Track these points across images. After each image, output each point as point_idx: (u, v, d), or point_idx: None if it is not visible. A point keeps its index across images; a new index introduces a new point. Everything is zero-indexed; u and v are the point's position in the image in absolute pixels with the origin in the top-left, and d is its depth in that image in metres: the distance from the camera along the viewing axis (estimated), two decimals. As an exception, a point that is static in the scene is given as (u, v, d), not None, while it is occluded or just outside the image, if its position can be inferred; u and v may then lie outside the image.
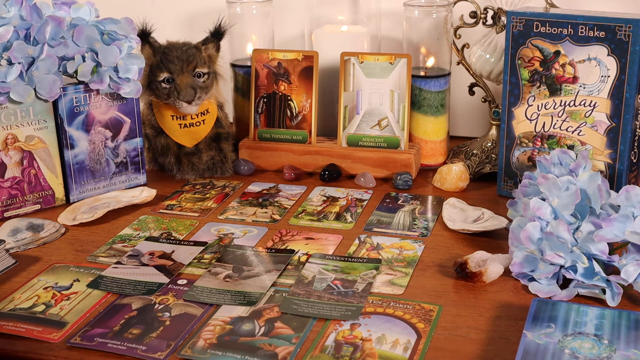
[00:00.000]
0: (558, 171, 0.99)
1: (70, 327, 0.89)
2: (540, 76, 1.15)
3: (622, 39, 1.08)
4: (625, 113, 1.10)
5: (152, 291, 0.97)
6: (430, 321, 0.89)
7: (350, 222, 1.16)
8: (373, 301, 0.93)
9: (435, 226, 1.15)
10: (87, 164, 1.25)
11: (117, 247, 1.10)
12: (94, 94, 1.23)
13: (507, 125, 1.20)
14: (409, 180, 1.28)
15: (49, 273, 1.02)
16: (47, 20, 1.14)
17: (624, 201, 0.92)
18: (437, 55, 1.35)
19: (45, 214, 1.21)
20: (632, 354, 0.80)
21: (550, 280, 0.94)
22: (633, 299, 0.93)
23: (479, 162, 1.33)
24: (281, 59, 1.36)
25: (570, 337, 0.83)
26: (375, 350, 0.84)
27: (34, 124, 1.18)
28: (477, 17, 1.32)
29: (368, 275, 0.99)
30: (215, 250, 1.08)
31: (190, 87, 1.27)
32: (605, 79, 1.10)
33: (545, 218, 0.94)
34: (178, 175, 1.35)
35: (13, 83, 1.13)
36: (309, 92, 1.36)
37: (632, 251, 0.91)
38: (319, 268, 1.02)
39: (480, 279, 0.97)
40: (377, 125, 1.33)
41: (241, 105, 1.46)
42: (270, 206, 1.22)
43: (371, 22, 1.44)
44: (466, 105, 1.51)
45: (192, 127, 1.32)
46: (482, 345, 0.85)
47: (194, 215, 1.20)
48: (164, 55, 1.29)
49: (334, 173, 1.32)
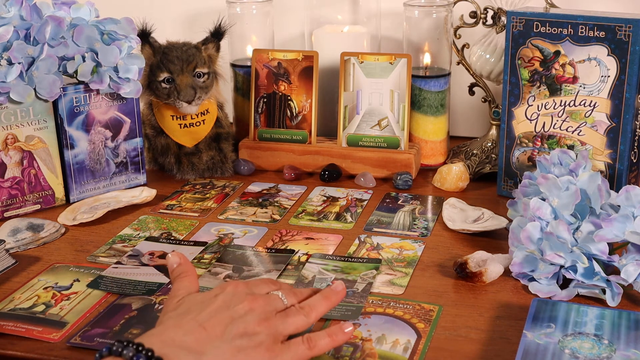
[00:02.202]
0: (558, 171, 0.99)
1: (70, 327, 0.89)
2: (540, 76, 1.15)
3: (622, 39, 1.08)
4: (625, 113, 1.10)
5: (152, 291, 0.97)
6: (430, 321, 0.89)
7: (350, 222, 1.16)
8: (373, 301, 0.93)
9: (435, 226, 1.15)
10: (87, 164, 1.25)
11: (117, 247, 1.10)
12: (94, 94, 1.23)
13: (507, 125, 1.20)
14: (409, 180, 1.28)
15: (49, 273, 1.02)
16: (47, 20, 1.14)
17: (624, 201, 0.92)
18: (437, 55, 1.35)
19: (45, 214, 1.21)
20: (632, 354, 0.80)
21: (550, 280, 0.94)
22: (633, 299, 0.93)
23: (479, 162, 1.33)
24: (281, 59, 1.36)
25: (570, 337, 0.83)
26: (375, 350, 0.84)
27: (34, 124, 1.18)
28: (477, 17, 1.32)
29: (368, 276, 0.99)
30: (215, 250, 1.08)
31: (190, 87, 1.27)
32: (605, 79, 1.10)
33: (545, 218, 0.94)
34: (178, 175, 1.35)
35: (13, 83, 1.13)
36: (309, 92, 1.36)
37: (632, 251, 0.91)
38: (319, 268, 1.02)
39: (480, 279, 0.97)
40: (377, 125, 1.33)
41: (241, 105, 1.46)
42: (270, 206, 1.22)
43: (371, 22, 1.44)
44: (466, 105, 1.51)
45: (192, 127, 1.32)
46: (482, 345, 0.85)
47: (194, 215, 1.20)
48: (164, 55, 1.29)
49: (334, 173, 1.32)
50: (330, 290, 0.84)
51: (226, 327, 0.75)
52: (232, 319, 0.76)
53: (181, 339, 0.73)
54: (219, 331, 0.74)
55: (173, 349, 0.72)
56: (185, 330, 0.74)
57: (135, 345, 0.70)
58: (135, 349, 0.70)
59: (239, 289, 0.80)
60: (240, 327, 0.75)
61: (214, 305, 0.77)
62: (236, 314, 0.76)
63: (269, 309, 0.78)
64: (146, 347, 0.70)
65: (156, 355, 0.70)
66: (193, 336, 0.73)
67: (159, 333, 0.74)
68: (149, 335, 0.74)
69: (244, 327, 0.75)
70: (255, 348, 0.74)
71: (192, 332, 0.74)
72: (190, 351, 0.72)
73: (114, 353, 0.71)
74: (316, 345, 0.78)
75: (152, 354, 0.70)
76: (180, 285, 0.83)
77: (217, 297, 0.79)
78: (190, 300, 0.79)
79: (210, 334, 0.74)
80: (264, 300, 0.79)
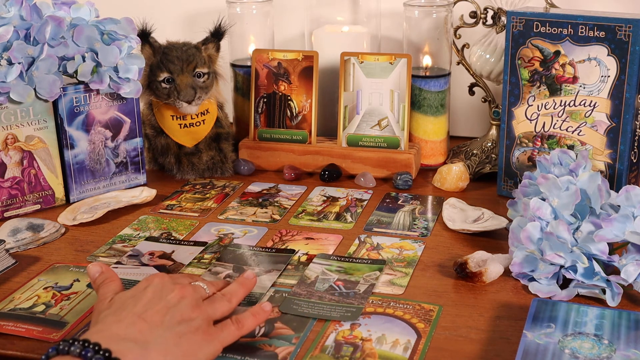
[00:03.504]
0: (558, 171, 0.99)
1: (70, 327, 0.89)
2: (540, 76, 1.15)
3: (622, 39, 1.08)
4: (625, 113, 1.10)
5: (152, 291, 0.97)
6: (430, 321, 0.89)
7: (350, 222, 1.16)
8: (373, 301, 0.93)
9: (435, 226, 1.15)
10: (87, 164, 1.25)
11: (117, 247, 1.10)
12: (94, 94, 1.23)
13: (507, 125, 1.20)
14: (409, 180, 1.28)
15: (49, 273, 1.02)
16: (47, 20, 1.14)
17: (624, 201, 0.92)
18: (437, 55, 1.35)
19: (45, 214, 1.21)
20: (632, 354, 0.80)
21: (550, 280, 0.94)
22: (633, 299, 0.93)
23: (479, 162, 1.33)
24: (281, 59, 1.36)
25: (570, 337, 0.83)
26: (375, 350, 0.84)
27: (34, 124, 1.19)
28: (477, 17, 1.32)
29: (371, 277, 0.99)
30: (215, 250, 1.08)
31: (190, 87, 1.27)
32: (605, 79, 1.10)
33: (545, 218, 0.94)
34: (178, 175, 1.35)
35: (13, 83, 1.13)
36: (309, 92, 1.36)
37: (632, 251, 0.91)
38: (322, 268, 1.02)
39: (480, 279, 0.97)
40: (377, 125, 1.33)
41: (241, 105, 1.46)
42: (270, 206, 1.22)
43: (371, 22, 1.44)
44: (466, 105, 1.51)
45: (192, 127, 1.32)
46: (482, 345, 0.85)
47: (194, 215, 1.20)
48: (164, 55, 1.29)
49: (334, 173, 1.32)
50: (244, 278, 0.91)
51: (164, 316, 0.79)
52: (167, 308, 0.80)
53: (124, 332, 0.76)
54: (158, 320, 0.78)
55: (119, 342, 0.75)
56: (126, 324, 0.77)
57: (82, 341, 0.73)
58: (82, 345, 0.73)
59: (165, 280, 0.85)
60: (177, 314, 0.80)
61: (146, 297, 0.81)
62: (170, 303, 0.81)
63: (197, 297, 0.84)
64: (92, 342, 0.73)
65: (104, 348, 0.73)
66: (135, 328, 0.77)
67: (101, 330, 0.77)
68: (92, 332, 0.77)
69: (180, 314, 0.80)
70: (194, 332, 0.79)
71: (133, 325, 0.77)
72: (136, 342, 0.75)
73: (61, 352, 0.73)
74: (244, 325, 0.84)
75: (99, 347, 0.72)
76: (107, 289, 0.86)
77: (147, 289, 0.83)
78: (121, 298, 0.83)
79: (150, 324, 0.78)
80: (192, 289, 0.84)
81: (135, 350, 0.74)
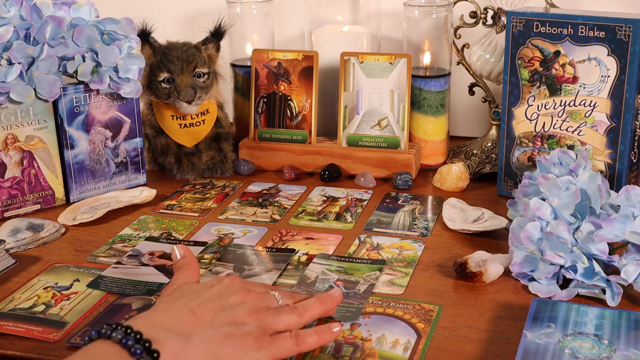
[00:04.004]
0: (558, 171, 0.99)
1: (70, 327, 0.89)
2: (540, 76, 1.15)
3: (622, 39, 1.08)
4: (625, 113, 1.10)
5: (152, 291, 0.97)
6: (430, 321, 0.89)
7: (350, 222, 1.16)
8: (373, 301, 0.93)
9: (435, 226, 1.15)
10: (87, 164, 1.25)
11: (117, 247, 1.10)
12: (94, 94, 1.23)
13: (507, 125, 1.20)
14: (409, 180, 1.28)
15: (49, 273, 1.02)
16: (47, 20, 1.14)
17: (624, 201, 0.92)
18: (437, 55, 1.35)
19: (45, 214, 1.21)
20: (632, 354, 0.80)
21: (550, 280, 0.94)
22: (633, 299, 0.93)
23: (479, 162, 1.33)
24: (281, 59, 1.36)
25: (570, 337, 0.83)
26: (375, 350, 0.84)
27: (34, 124, 1.19)
28: (477, 17, 1.32)
29: (371, 277, 0.99)
30: (215, 250, 1.08)
31: (190, 87, 1.27)
32: (605, 79, 1.10)
33: (545, 218, 0.94)
34: (178, 175, 1.35)
35: (13, 83, 1.13)
36: (309, 92, 1.36)
37: (632, 251, 0.91)
38: (322, 268, 1.02)
39: (480, 279, 0.97)
40: (377, 125, 1.33)
41: (241, 105, 1.46)
42: (270, 206, 1.22)
43: (371, 22, 1.44)
44: (466, 105, 1.51)
45: (192, 127, 1.32)
46: (482, 345, 0.85)
47: (194, 215, 1.20)
48: (164, 55, 1.29)
49: (334, 173, 1.32)
50: (327, 295, 0.86)
51: (216, 314, 0.77)
52: (222, 308, 0.78)
53: (169, 322, 0.75)
54: (208, 317, 0.77)
55: (161, 331, 0.73)
56: (174, 314, 0.76)
57: (124, 327, 0.72)
58: (124, 332, 0.72)
59: (235, 283, 0.83)
60: (230, 315, 0.77)
61: (208, 294, 0.80)
62: (227, 304, 0.79)
63: (262, 305, 0.80)
64: (134, 329, 0.72)
65: (145, 337, 0.72)
66: (182, 320, 0.76)
67: (148, 316, 0.76)
68: (138, 317, 0.76)
69: (234, 316, 0.77)
70: (243, 337, 0.76)
71: (181, 316, 0.76)
72: (178, 334, 0.74)
73: (103, 336, 0.72)
74: (304, 341, 0.79)
75: (141, 336, 0.71)
76: (180, 276, 0.85)
77: (213, 287, 0.81)
78: (186, 288, 0.82)
79: (199, 319, 0.76)
80: (258, 296, 0.81)
81: (176, 342, 0.73)
